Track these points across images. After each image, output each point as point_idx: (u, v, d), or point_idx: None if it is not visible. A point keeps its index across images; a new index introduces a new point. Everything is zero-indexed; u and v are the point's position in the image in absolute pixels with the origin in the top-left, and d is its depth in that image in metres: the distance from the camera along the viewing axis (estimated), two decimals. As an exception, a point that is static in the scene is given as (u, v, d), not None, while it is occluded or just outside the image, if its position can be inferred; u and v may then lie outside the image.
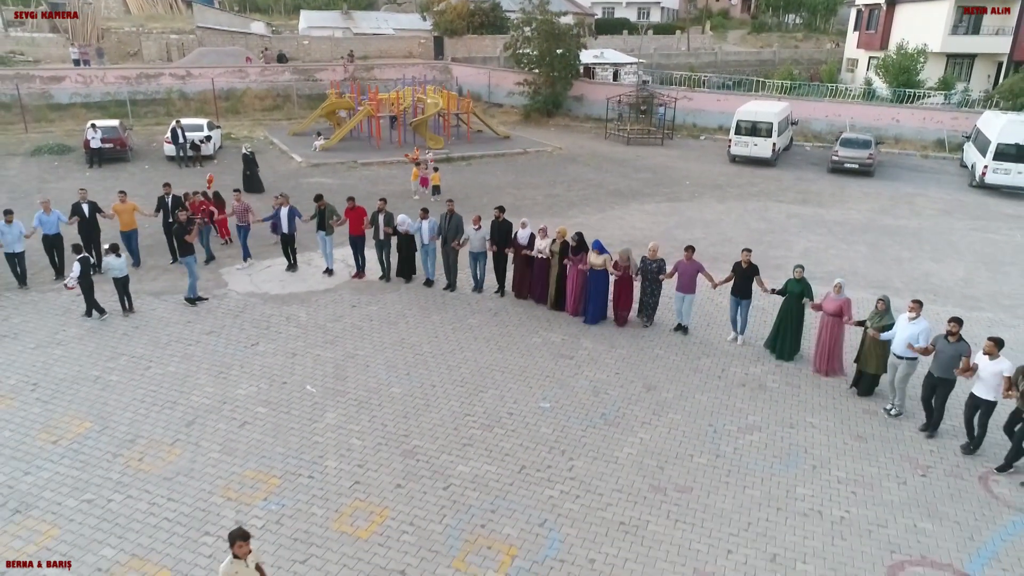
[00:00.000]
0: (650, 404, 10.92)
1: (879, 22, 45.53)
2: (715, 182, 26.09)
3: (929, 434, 10.18)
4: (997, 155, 24.94)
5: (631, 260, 13.27)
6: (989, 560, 7.90)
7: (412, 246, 15.37)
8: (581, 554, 7.87)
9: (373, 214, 15.13)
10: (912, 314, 10.20)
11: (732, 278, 12.72)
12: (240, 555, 6.03)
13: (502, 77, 41.85)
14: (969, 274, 17.13)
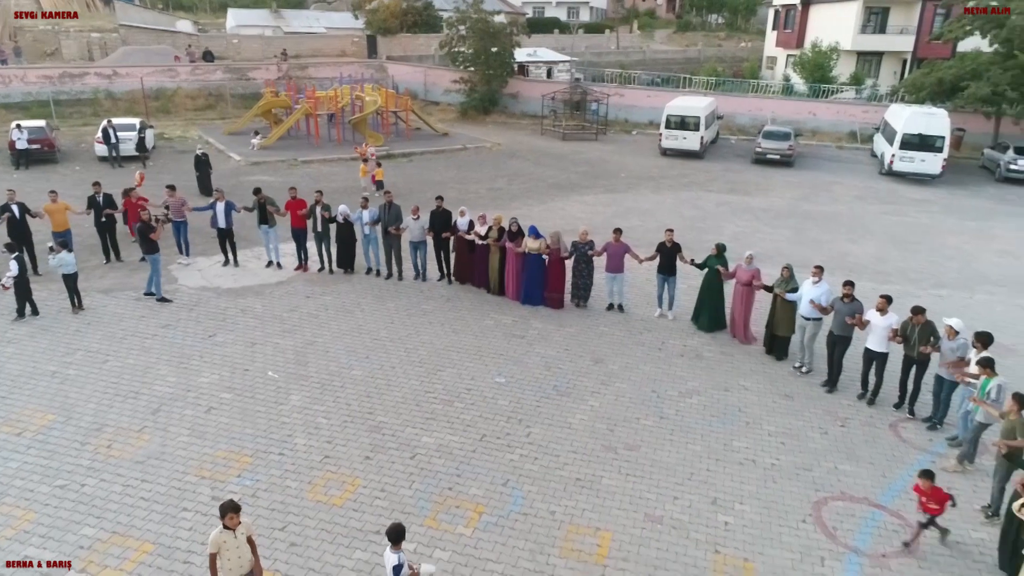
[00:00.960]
0: (598, 375, 11.72)
1: (795, 22, 47.98)
2: (649, 174, 27.28)
3: (829, 389, 11.36)
4: (903, 145, 26.93)
5: (562, 242, 14.07)
6: (899, 492, 8.98)
7: (352, 237, 15.77)
8: (543, 507, 8.56)
9: (311, 206, 15.47)
10: (815, 278, 11.42)
11: (657, 256, 13.67)
12: (230, 526, 6.32)
13: (438, 75, 42.28)
14: (881, 252, 18.66)
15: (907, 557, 7.92)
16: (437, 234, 15.28)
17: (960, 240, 20.12)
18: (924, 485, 7.81)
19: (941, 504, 7.86)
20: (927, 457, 9.76)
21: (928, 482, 7.81)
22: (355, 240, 15.81)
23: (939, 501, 7.84)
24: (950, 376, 9.99)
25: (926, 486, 7.81)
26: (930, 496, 7.85)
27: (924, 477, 7.82)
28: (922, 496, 7.91)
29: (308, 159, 27.48)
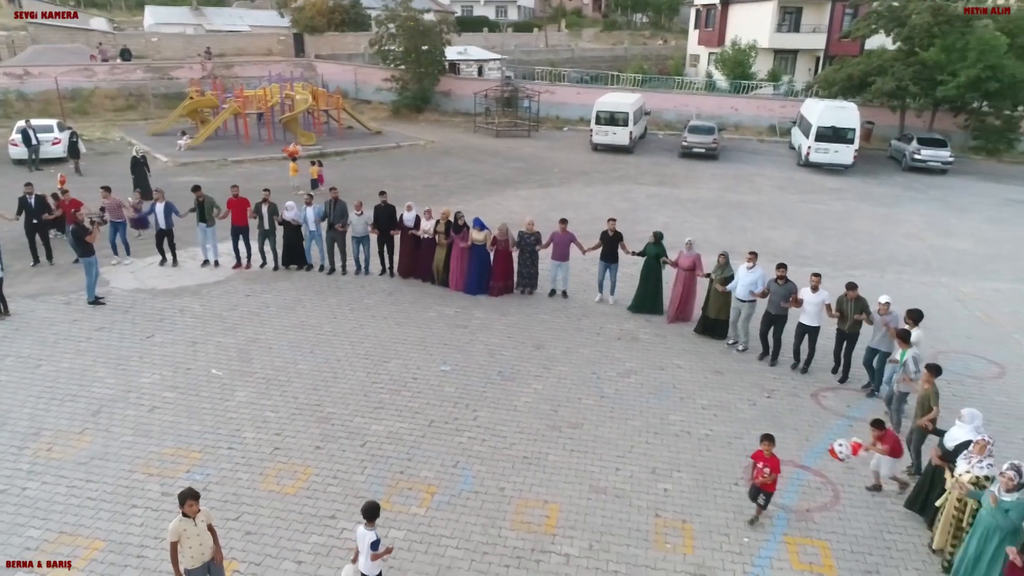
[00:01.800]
0: (540, 360, 12.14)
1: (716, 21, 49.80)
2: (581, 169, 27.96)
3: (771, 363, 12.12)
4: (818, 137, 28.44)
5: (509, 234, 14.46)
6: (820, 454, 9.71)
7: (298, 234, 15.76)
8: (492, 485, 8.90)
9: (257, 204, 15.38)
10: (749, 264, 12.12)
11: (600, 245, 14.21)
12: (189, 514, 6.38)
13: (369, 74, 42.05)
14: (800, 238, 19.77)
15: (831, 514, 8.61)
16: (383, 230, 15.40)
17: (871, 225, 21.49)
18: (766, 451, 7.98)
19: (775, 476, 7.98)
20: (845, 422, 10.57)
21: (769, 445, 7.98)
22: (301, 238, 15.78)
23: (775, 469, 7.96)
24: (882, 346, 10.81)
25: (767, 452, 7.96)
26: (767, 463, 7.96)
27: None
28: (759, 463, 8.05)
29: (239, 159, 27.01)
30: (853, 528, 8.33)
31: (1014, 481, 6.67)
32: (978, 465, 7.23)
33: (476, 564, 7.61)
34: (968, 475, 7.23)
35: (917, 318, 10.34)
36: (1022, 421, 10.74)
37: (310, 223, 15.52)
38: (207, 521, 6.56)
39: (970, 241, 20.27)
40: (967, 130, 32.66)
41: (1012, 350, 13.18)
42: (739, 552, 7.90)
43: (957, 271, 17.58)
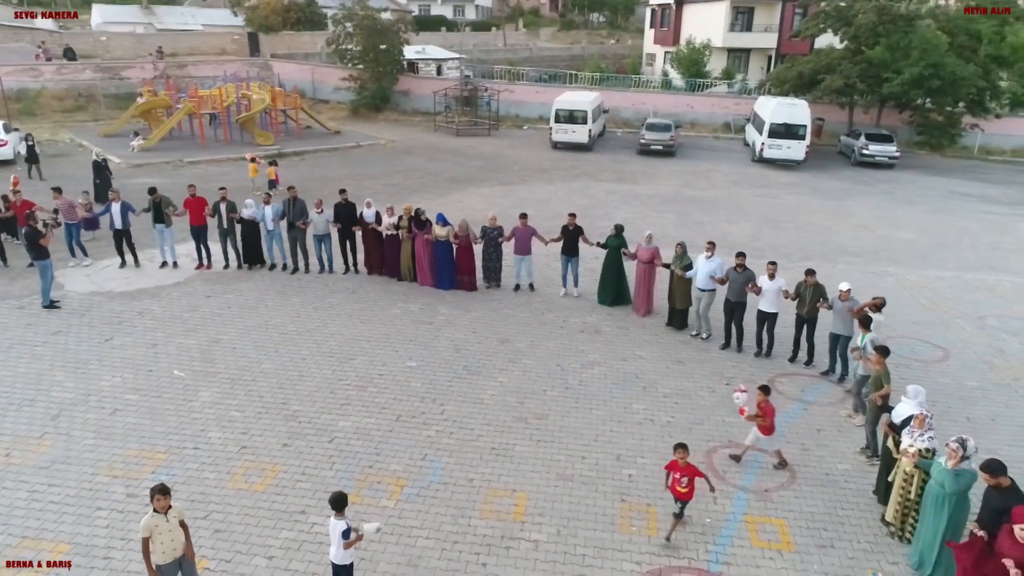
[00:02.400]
0: (506, 354, 12.30)
1: (671, 20, 50.61)
2: (541, 166, 28.22)
3: (738, 349, 12.56)
4: (771, 133, 29.21)
5: (470, 230, 14.61)
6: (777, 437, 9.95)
7: (256, 233, 15.64)
8: (461, 476, 9.03)
9: (215, 203, 15.24)
10: (708, 253, 12.49)
11: (561, 238, 14.45)
12: (160, 509, 6.37)
13: (326, 73, 41.70)
14: (755, 231, 20.30)
15: (788, 492, 8.94)
16: (344, 227, 15.40)
17: (822, 218, 22.18)
18: (680, 460, 7.73)
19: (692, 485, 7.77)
20: (800, 406, 10.96)
21: (684, 453, 7.72)
22: (260, 237, 15.67)
23: (692, 476, 7.75)
24: (843, 331, 11.24)
25: (682, 461, 7.71)
26: (684, 472, 7.72)
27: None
28: (675, 473, 7.80)
29: (195, 160, 26.59)
30: (809, 506, 8.67)
31: (958, 454, 7.04)
32: (920, 438, 7.61)
33: (447, 553, 7.74)
34: (912, 448, 7.61)
35: (880, 305, 10.80)
36: (965, 401, 11.27)
37: (268, 222, 15.43)
38: (179, 517, 6.55)
39: (916, 232, 21.07)
40: (912, 126, 33.87)
41: (955, 334, 13.79)
42: (702, 532, 8.16)
43: (904, 260, 18.27)
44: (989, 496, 6.78)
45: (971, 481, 7.09)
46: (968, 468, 7.10)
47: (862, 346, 10.03)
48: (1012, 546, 6.10)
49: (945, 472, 7.14)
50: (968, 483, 7.08)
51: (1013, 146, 34.09)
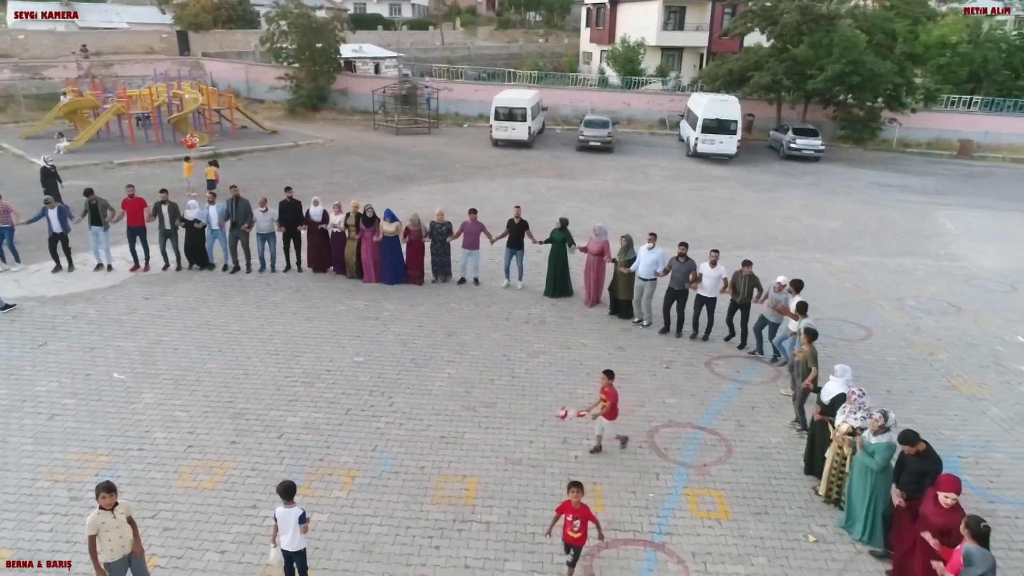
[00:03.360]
0: (452, 346, 12.48)
1: (606, 19, 51.51)
2: (483, 164, 28.45)
3: (677, 335, 13.09)
4: (704, 129, 30.16)
5: (421, 224, 14.74)
6: (714, 415, 10.55)
7: (201, 234, 15.41)
8: (412, 464, 9.18)
9: (156, 204, 14.94)
10: (649, 244, 12.93)
11: (507, 233, 14.71)
12: (105, 506, 6.33)
13: (261, 72, 40.95)
14: (691, 223, 21.00)
15: (725, 465, 9.41)
16: (289, 226, 15.29)
17: (754, 209, 23.08)
18: (575, 500, 6.84)
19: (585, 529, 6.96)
20: (735, 386, 11.49)
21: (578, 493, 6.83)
22: (204, 237, 15.44)
23: (586, 520, 6.95)
24: (772, 317, 11.84)
25: (576, 501, 6.83)
26: (578, 515, 6.87)
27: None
28: (568, 515, 6.93)
29: (126, 161, 25.82)
30: (744, 478, 9.15)
31: (879, 423, 7.58)
32: (852, 416, 8.11)
33: (400, 538, 7.89)
34: (845, 425, 8.12)
35: (799, 287, 11.41)
36: (886, 376, 12.01)
37: (213, 222, 15.21)
38: (126, 514, 6.51)
39: (840, 221, 22.15)
40: (835, 121, 35.45)
41: (877, 315, 14.63)
42: (645, 506, 8.53)
43: (830, 248, 19.22)
44: (908, 461, 7.32)
45: (892, 451, 7.61)
46: (889, 439, 7.63)
47: (799, 332, 10.58)
48: (935, 511, 6.55)
49: (867, 443, 7.66)
50: (889, 453, 7.59)
51: (928, 139, 36.05)
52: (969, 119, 36.19)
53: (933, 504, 6.64)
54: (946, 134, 35.82)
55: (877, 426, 7.60)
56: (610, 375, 9.17)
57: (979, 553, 5.78)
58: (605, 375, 9.17)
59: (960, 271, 17.74)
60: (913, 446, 7.23)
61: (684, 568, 7.58)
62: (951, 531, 6.27)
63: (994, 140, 35.26)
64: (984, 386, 11.81)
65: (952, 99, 37.14)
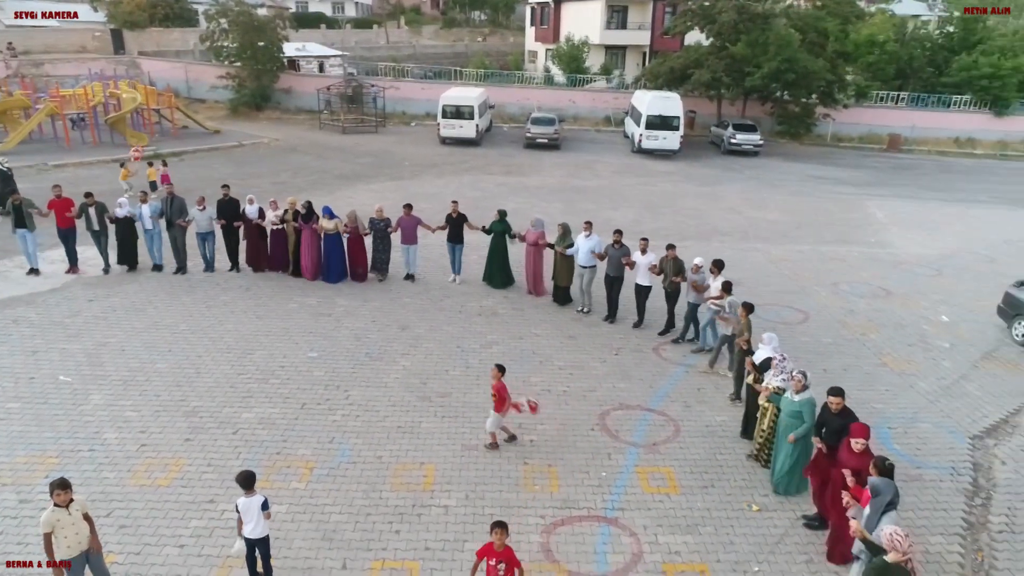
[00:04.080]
0: (406, 340, 12.61)
1: (550, 18, 52.02)
2: (431, 161, 28.52)
3: (611, 322, 13.45)
4: (648, 125, 30.85)
5: (359, 220, 14.80)
6: (662, 398, 10.96)
7: (132, 232, 15.14)
8: (369, 454, 9.30)
9: (81, 205, 14.61)
10: (586, 232, 13.39)
11: (446, 226, 14.90)
12: (60, 503, 6.31)
13: (201, 71, 40.10)
14: (638, 216, 21.52)
15: (673, 444, 9.80)
16: (227, 223, 15.16)
17: (697, 202, 23.79)
18: (498, 543, 6.17)
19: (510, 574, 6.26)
20: (682, 369, 11.94)
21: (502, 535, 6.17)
22: (136, 237, 15.16)
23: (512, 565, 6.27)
24: (695, 300, 12.30)
25: (499, 544, 6.17)
26: (501, 558, 6.19)
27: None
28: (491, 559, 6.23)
29: (60, 163, 25.03)
30: (692, 454, 9.55)
31: (801, 382, 8.25)
32: (776, 378, 8.75)
33: (360, 525, 8.01)
34: (772, 384, 8.75)
35: (720, 266, 11.96)
36: (821, 356, 12.63)
37: (146, 221, 14.97)
38: (82, 510, 6.49)
39: (779, 212, 23.02)
40: (773, 116, 36.66)
41: (813, 300, 15.33)
42: (598, 485, 8.85)
43: (769, 238, 19.98)
44: (830, 419, 7.93)
45: (812, 407, 8.25)
46: (809, 396, 8.25)
47: (724, 306, 11.13)
48: (850, 456, 7.21)
49: (789, 402, 8.31)
50: (811, 409, 8.23)
51: (859, 133, 37.61)
52: (897, 114, 37.91)
53: (848, 451, 7.29)
54: (876, 129, 37.47)
55: (800, 385, 8.24)
56: (501, 369, 9.19)
57: (884, 484, 6.51)
58: (496, 369, 9.19)
59: (889, 257, 18.69)
60: (837, 398, 7.89)
61: (636, 540, 7.92)
62: (862, 472, 6.93)
63: (920, 134, 37.03)
64: (912, 363, 12.54)
65: (881, 95, 38.81)
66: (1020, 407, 11.19)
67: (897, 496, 6.51)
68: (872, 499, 6.51)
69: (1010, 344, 13.45)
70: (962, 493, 8.99)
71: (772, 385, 8.77)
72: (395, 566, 7.44)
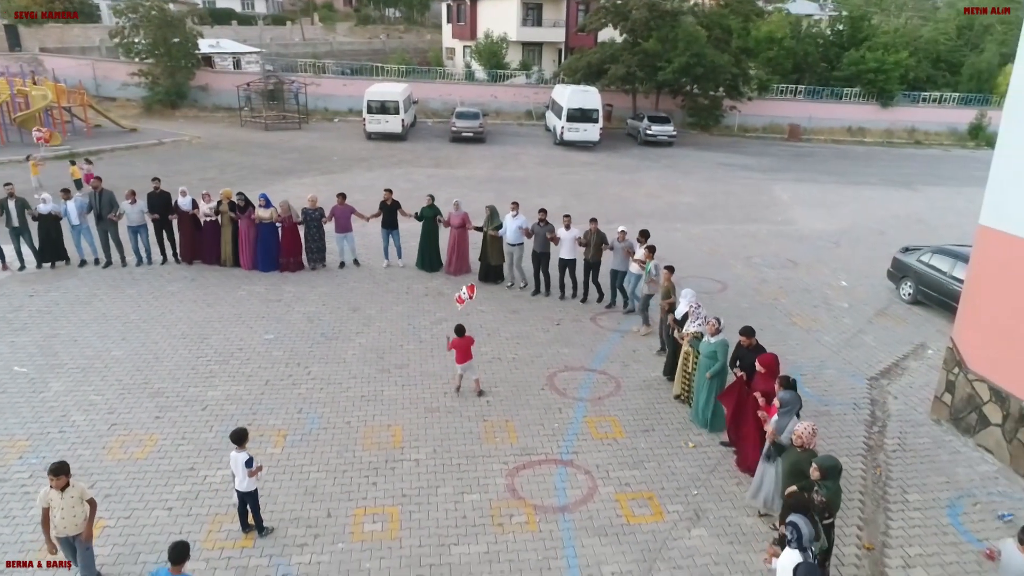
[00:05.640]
0: (359, 320, 13.19)
1: (467, 16, 52.74)
2: (360, 156, 28.83)
3: (537, 293, 14.62)
4: (569, 118, 32.12)
5: (292, 210, 15.23)
6: (603, 360, 12.00)
7: (57, 228, 15.04)
8: (339, 420, 9.90)
9: (1, 201, 14.42)
10: (513, 212, 14.44)
11: (380, 214, 15.54)
12: (55, 487, 6.44)
13: (111, 69, 38.77)
14: (564, 203, 22.60)
15: (615, 397, 10.83)
16: (160, 216, 15.25)
17: (619, 189, 25.14)
18: None
19: None
20: (618, 335, 13.02)
21: None
22: (61, 233, 15.04)
23: None
24: (621, 266, 13.46)
25: None
26: None
27: None
28: None
29: (-32, 163, 23.95)
30: (632, 405, 10.61)
31: (715, 326, 9.55)
32: (693, 324, 10.11)
33: (339, 480, 8.64)
34: (691, 329, 10.03)
35: (646, 236, 13.19)
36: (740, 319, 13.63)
37: (73, 217, 14.89)
38: (81, 496, 6.64)
39: (694, 196, 24.65)
40: (684, 109, 38.69)
41: (730, 271, 16.79)
42: (552, 434, 9.77)
43: (687, 219, 21.49)
44: (744, 355, 9.24)
45: (726, 347, 9.56)
46: (723, 338, 9.59)
47: (648, 271, 12.35)
48: (760, 381, 8.53)
49: (706, 344, 9.59)
50: (725, 350, 9.54)
51: (763, 124, 40.20)
52: (796, 106, 40.71)
53: (760, 377, 8.62)
54: (777, 120, 40.15)
55: (713, 329, 9.53)
56: (459, 331, 10.44)
57: (790, 396, 7.86)
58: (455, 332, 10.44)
59: (794, 233, 20.51)
60: (749, 338, 9.25)
61: (590, 476, 8.88)
62: (770, 394, 8.23)
63: (817, 124, 39.94)
64: (817, 321, 14.10)
65: (781, 88, 41.56)
66: (908, 353, 12.86)
67: (800, 404, 7.91)
68: (780, 410, 7.78)
69: (898, 302, 15.25)
70: (862, 423, 10.43)
71: (690, 331, 10.03)
72: (376, 512, 8.13)
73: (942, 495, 8.86)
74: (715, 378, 9.60)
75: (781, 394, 7.88)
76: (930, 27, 48.38)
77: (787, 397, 7.83)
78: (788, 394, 7.85)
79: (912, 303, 15.08)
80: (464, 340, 10.44)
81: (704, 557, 7.65)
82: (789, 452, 7.13)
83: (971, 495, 8.88)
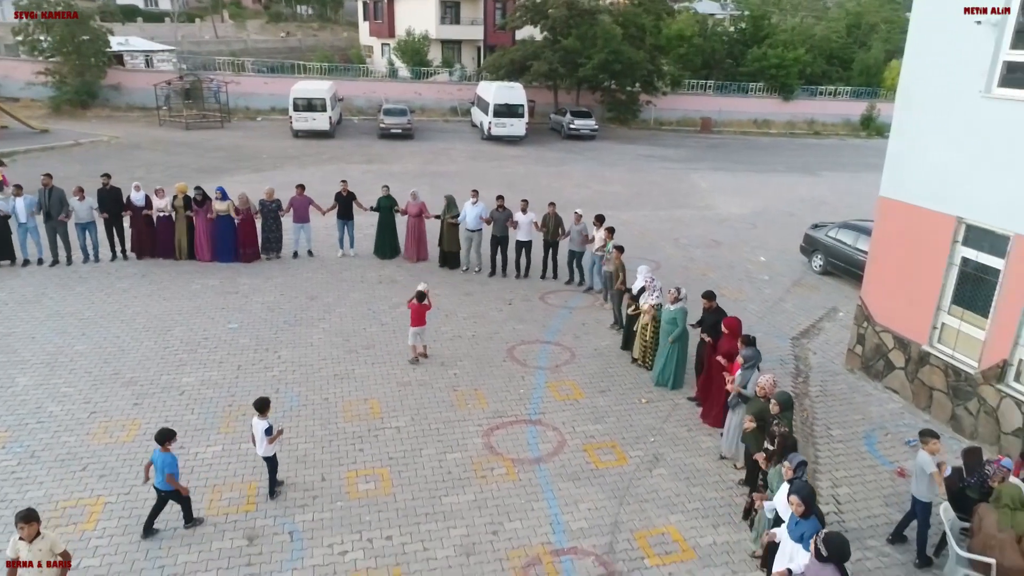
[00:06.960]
0: (319, 307, 13.64)
1: (384, 13, 52.82)
2: (289, 154, 28.78)
3: (503, 275, 15.51)
4: (495, 114, 33.00)
5: (249, 203, 15.51)
6: (555, 333, 12.94)
7: (5, 227, 14.77)
8: (316, 398, 10.42)
9: None
10: (473, 200, 15.21)
11: (336, 205, 16.01)
12: (23, 538, 5.80)
13: (12, 67, 36.91)
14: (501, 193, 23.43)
15: (572, 364, 11.78)
16: (111, 213, 15.18)
17: (549, 180, 26.23)
18: None
19: None
20: (567, 311, 14.00)
21: None
22: (9, 231, 14.77)
23: None
24: (578, 247, 14.45)
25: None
26: None
27: None
28: None
29: None
30: (588, 370, 11.60)
31: (675, 295, 10.63)
32: (651, 297, 11.13)
33: (327, 448, 9.21)
34: (648, 303, 11.04)
35: (602, 220, 14.23)
36: (675, 292, 15.26)
37: (21, 215, 14.65)
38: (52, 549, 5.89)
39: (620, 185, 26.02)
40: (603, 104, 40.27)
41: (661, 252, 18.10)
42: (519, 399, 10.62)
43: (615, 206, 22.73)
44: (706, 317, 10.40)
45: (684, 314, 10.68)
46: (682, 306, 10.61)
47: (609, 251, 13.37)
48: (724, 342, 9.63)
49: (667, 311, 10.62)
50: (684, 316, 10.64)
51: (677, 118, 42.31)
52: (706, 100, 43.05)
53: (724, 338, 9.75)
54: (690, 113, 42.35)
55: (673, 297, 10.61)
56: (420, 296, 11.21)
57: (750, 351, 8.95)
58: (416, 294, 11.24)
59: (715, 216, 22.12)
60: (710, 301, 10.46)
61: (559, 432, 9.79)
62: (733, 353, 9.34)
63: (726, 117, 42.39)
64: (742, 292, 15.53)
65: (692, 83, 43.83)
66: (822, 316, 14.43)
67: (760, 358, 8.98)
68: (744, 364, 8.85)
69: (811, 273, 16.93)
70: (789, 375, 11.79)
71: (648, 304, 11.06)
72: (368, 473, 8.76)
73: (859, 429, 10.26)
74: (676, 342, 10.63)
75: (744, 351, 8.93)
76: (823, 25, 52.00)
77: (749, 353, 8.87)
78: (750, 350, 8.89)
79: (823, 273, 16.78)
80: (422, 306, 11.16)
81: (665, 492, 8.68)
82: (753, 402, 8.19)
83: (883, 427, 10.32)
